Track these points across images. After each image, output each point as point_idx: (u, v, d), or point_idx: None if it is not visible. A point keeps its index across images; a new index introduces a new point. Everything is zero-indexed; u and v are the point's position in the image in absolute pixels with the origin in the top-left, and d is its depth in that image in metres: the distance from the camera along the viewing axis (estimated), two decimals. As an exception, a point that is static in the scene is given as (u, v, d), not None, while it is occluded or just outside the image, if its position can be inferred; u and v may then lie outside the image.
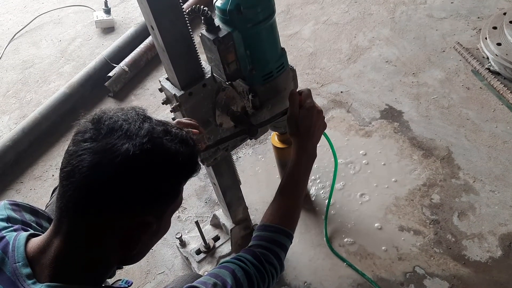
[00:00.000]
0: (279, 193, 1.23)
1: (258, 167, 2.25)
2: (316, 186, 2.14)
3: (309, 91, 1.35)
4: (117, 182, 0.79)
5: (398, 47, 2.76)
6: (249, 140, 2.29)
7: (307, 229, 1.98)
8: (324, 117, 1.33)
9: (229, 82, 1.46)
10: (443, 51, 2.66)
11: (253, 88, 1.47)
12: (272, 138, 1.86)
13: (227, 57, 1.34)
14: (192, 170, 0.91)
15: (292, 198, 1.22)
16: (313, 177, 2.17)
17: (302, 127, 1.28)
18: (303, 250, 1.91)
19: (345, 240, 1.92)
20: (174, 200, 0.90)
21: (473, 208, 1.94)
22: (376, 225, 1.95)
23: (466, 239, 1.85)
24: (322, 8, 3.19)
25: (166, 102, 1.40)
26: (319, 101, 2.54)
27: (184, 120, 1.24)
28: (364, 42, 2.86)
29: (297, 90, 1.38)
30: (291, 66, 1.53)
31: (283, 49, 1.46)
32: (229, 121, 1.43)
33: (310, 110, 1.29)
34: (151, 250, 1.92)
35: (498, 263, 1.76)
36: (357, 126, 2.38)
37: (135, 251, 0.87)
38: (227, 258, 1.07)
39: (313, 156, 1.29)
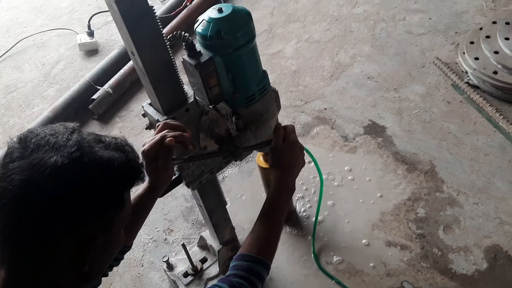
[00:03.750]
0: (258, 223, 1.23)
1: (244, 186, 2.26)
2: (303, 204, 2.15)
3: (293, 126, 1.38)
4: (50, 196, 0.76)
5: (379, 63, 2.80)
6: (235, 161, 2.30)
7: (295, 248, 1.99)
8: (304, 154, 1.36)
9: (212, 105, 1.48)
10: (423, 66, 2.71)
11: (236, 111, 1.49)
12: (257, 158, 1.87)
13: (209, 82, 1.35)
14: (133, 177, 0.89)
15: (271, 228, 1.23)
16: (300, 195, 2.18)
17: (284, 161, 1.31)
18: (291, 269, 1.91)
19: (333, 257, 1.92)
20: (119, 210, 0.86)
21: (458, 221, 1.96)
22: (363, 241, 1.96)
23: (452, 253, 1.87)
24: (304, 26, 3.24)
25: (149, 127, 1.41)
26: (303, 118, 2.57)
27: (171, 121, 1.24)
28: (346, 59, 2.90)
29: (282, 125, 1.41)
30: (273, 87, 1.55)
31: (264, 72, 1.49)
32: (213, 144, 1.44)
33: (293, 145, 1.33)
34: (137, 275, 1.90)
35: (484, 275, 1.78)
36: (342, 142, 2.40)
37: (85, 267, 0.82)
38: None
39: (292, 189, 1.32)
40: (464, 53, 2.54)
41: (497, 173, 2.10)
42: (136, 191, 1.22)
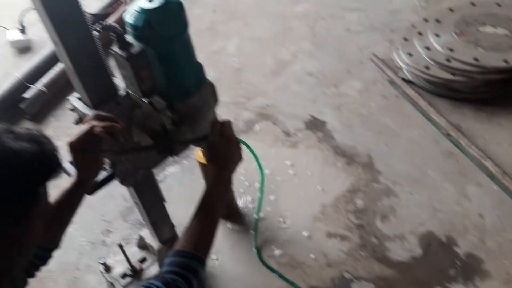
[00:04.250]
0: (194, 218, 1.21)
1: (186, 184, 2.22)
2: (244, 200, 2.14)
3: (230, 122, 1.37)
4: None
5: (319, 60, 2.85)
6: (173, 157, 2.26)
7: (237, 243, 1.98)
8: (241, 150, 1.35)
9: (147, 99, 1.44)
10: (361, 62, 2.79)
11: (172, 105, 1.45)
12: (196, 154, 1.84)
13: (141, 74, 1.31)
14: (48, 170, 0.84)
15: (207, 224, 1.21)
16: (242, 191, 2.17)
17: (220, 156, 1.30)
18: (234, 265, 1.90)
19: (275, 251, 1.93)
20: (31, 205, 0.82)
21: (394, 211, 2.03)
22: (304, 233, 1.98)
23: (389, 241, 1.93)
24: (246, 24, 3.24)
25: (78, 122, 1.34)
26: (245, 114, 2.57)
27: (101, 112, 1.19)
28: (287, 56, 2.93)
29: (219, 120, 1.40)
30: (209, 81, 1.54)
31: (200, 65, 1.46)
32: (148, 139, 1.40)
33: (229, 140, 1.32)
34: (73, 279, 1.82)
35: (419, 261, 1.85)
36: (283, 138, 2.42)
37: None
38: (136, 287, 1.02)
39: (229, 185, 1.32)
40: (398, 49, 2.64)
41: (430, 164, 2.19)
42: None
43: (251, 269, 1.88)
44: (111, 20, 3.15)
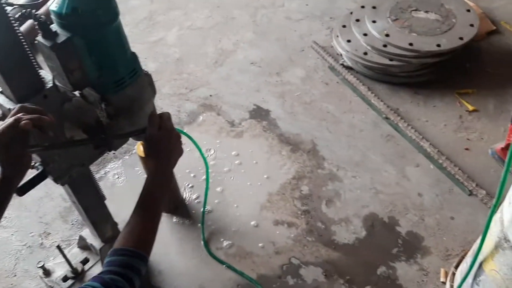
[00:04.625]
0: (133, 215, 1.16)
1: (128, 179, 2.15)
2: (191, 193, 2.10)
3: (169, 114, 1.33)
4: None
5: (262, 49, 2.84)
6: (113, 152, 2.18)
7: (185, 238, 1.94)
8: (181, 143, 1.31)
9: (79, 92, 1.37)
10: (302, 50, 2.81)
11: (105, 97, 1.38)
12: (137, 147, 1.78)
13: (69, 65, 1.24)
14: None
15: (147, 220, 1.16)
16: (187, 184, 2.13)
17: (160, 150, 1.25)
18: (182, 259, 1.86)
19: (223, 243, 1.91)
20: None
21: (339, 195, 2.07)
22: (252, 223, 1.98)
23: (334, 225, 1.96)
24: (186, 13, 3.17)
25: (1, 118, 1.25)
26: (188, 105, 2.52)
27: (28, 104, 1.10)
28: (229, 45, 2.90)
29: (157, 113, 1.35)
30: (145, 71, 1.48)
31: (133, 54, 1.40)
32: (82, 134, 1.33)
33: (169, 133, 1.28)
34: (10, 286, 1.71)
35: (363, 243, 1.90)
36: (228, 128, 2.39)
37: None
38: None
39: (170, 179, 1.28)
40: (337, 36, 2.68)
41: (371, 147, 2.25)
42: None
43: (200, 263, 1.85)
44: (41, 11, 2.98)
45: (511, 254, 1.23)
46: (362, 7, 2.72)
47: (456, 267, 1.71)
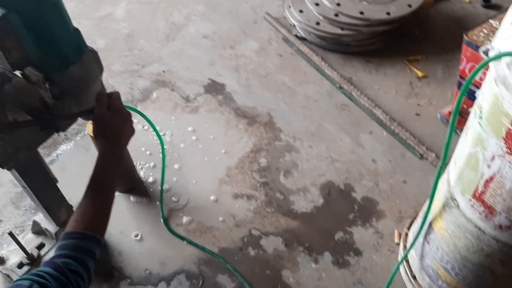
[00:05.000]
0: (84, 198, 1.13)
1: (81, 161, 2.09)
2: (148, 171, 2.07)
3: (118, 93, 1.29)
4: None
5: (214, 22, 2.79)
6: (65, 134, 2.11)
7: (143, 216, 1.92)
8: (132, 122, 1.28)
9: (21, 72, 1.30)
10: (255, 22, 2.78)
11: (49, 76, 1.32)
12: (88, 127, 1.72)
13: (6, 43, 1.17)
14: None
15: (98, 201, 1.14)
16: (144, 162, 2.09)
17: (109, 130, 1.22)
18: (142, 238, 1.85)
19: (183, 219, 1.91)
20: None
21: (296, 165, 2.10)
22: (211, 198, 1.98)
23: (292, 195, 1.99)
24: (134, -14, 3.05)
25: None
26: (141, 82, 2.46)
27: None
28: (180, 19, 2.83)
29: (106, 92, 1.31)
30: (90, 47, 1.42)
31: (76, 30, 1.34)
32: (26, 116, 1.27)
33: (118, 113, 1.25)
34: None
35: (321, 210, 1.94)
36: (183, 104, 2.36)
37: None
38: (24, 275, 0.94)
39: (121, 159, 1.26)
40: (289, 7, 2.66)
41: (326, 117, 2.28)
42: None
43: (160, 240, 1.84)
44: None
45: (458, 212, 1.30)
46: (313, -24, 2.70)
47: (409, 228, 1.79)
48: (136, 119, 1.85)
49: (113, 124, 1.24)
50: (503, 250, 1.23)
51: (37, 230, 1.71)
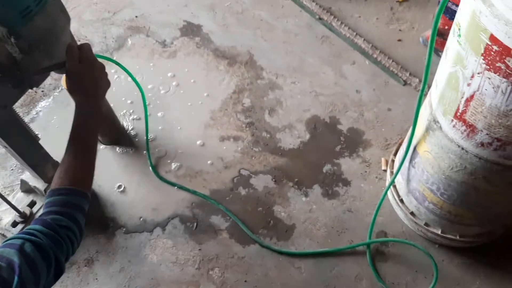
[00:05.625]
0: (66, 153, 1.12)
1: (62, 116, 2.05)
2: (132, 121, 2.05)
3: (89, 45, 1.23)
4: None
5: (184, -41, 2.65)
6: (42, 90, 2.05)
7: (132, 166, 1.92)
8: (107, 73, 1.23)
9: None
10: (227, -44, 2.64)
11: (13, 30, 1.26)
12: (62, 81, 1.67)
13: (-40, -3, 1.10)
14: None
15: (81, 156, 1.12)
16: (125, 111, 2.06)
17: (84, 84, 1.18)
18: (132, 188, 1.86)
19: (172, 165, 1.91)
20: None
21: (280, 103, 2.08)
22: (198, 142, 1.98)
23: (279, 132, 1.99)
24: None
25: None
26: (114, 30, 2.37)
27: None
28: (148, -41, 2.68)
29: (76, 44, 1.25)
30: (53, -5, 1.34)
31: (34, -23, 1.26)
32: (-6, 74, 1.23)
33: (91, 66, 1.20)
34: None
35: (307, 145, 1.95)
36: (160, 49, 2.29)
37: None
38: (15, 234, 0.95)
39: (99, 112, 1.22)
40: None
41: (308, 51, 2.23)
42: None
43: (151, 188, 1.86)
44: None
45: (440, 133, 1.31)
46: None
47: (395, 154, 1.81)
48: (113, 68, 1.82)
49: (86, 77, 1.20)
50: (485, 167, 1.25)
51: (26, 188, 1.71)
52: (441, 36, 1.94)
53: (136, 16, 2.42)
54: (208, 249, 1.71)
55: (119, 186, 1.86)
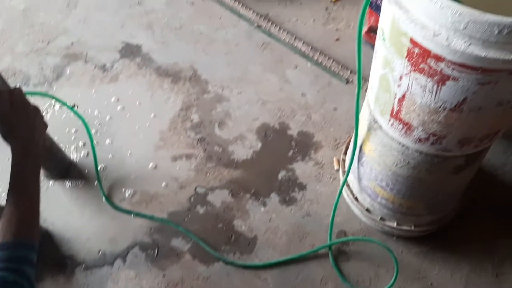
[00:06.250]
0: (7, 205, 1.07)
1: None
2: (79, 151, 1.99)
3: (20, 89, 1.19)
4: None
5: (115, -21, 2.61)
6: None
7: (84, 199, 1.87)
8: (42, 116, 1.20)
9: None
10: (159, -29, 2.62)
11: None
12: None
13: None
14: None
15: (24, 204, 1.08)
16: (72, 143, 2.01)
17: (18, 130, 1.13)
18: (87, 221, 1.81)
19: (126, 193, 1.88)
20: None
21: (229, 114, 2.08)
22: (150, 165, 1.95)
23: (231, 145, 1.99)
24: (18, -46, 2.76)
25: None
26: (50, 60, 2.29)
27: None
28: (78, -18, 2.61)
29: (8, 88, 1.20)
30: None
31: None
32: None
33: (24, 109, 1.16)
34: None
35: (260, 154, 1.96)
36: (101, 74, 2.24)
37: None
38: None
39: (38, 156, 1.17)
40: (191, -51, 2.51)
41: (250, 59, 2.24)
42: None
43: (106, 219, 1.81)
44: None
45: (381, 132, 1.34)
46: None
47: (345, 153, 1.84)
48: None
49: (20, 123, 1.15)
50: (426, 160, 1.29)
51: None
52: (375, 32, 1.98)
53: (72, 43, 2.36)
54: (172, 274, 1.68)
55: (73, 221, 1.80)
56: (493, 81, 0.94)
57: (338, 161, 1.89)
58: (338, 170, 1.87)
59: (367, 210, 1.69)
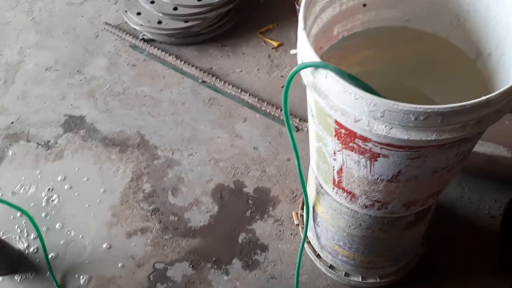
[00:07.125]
0: None
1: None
2: (29, 241, 1.89)
3: None
4: None
5: (52, 49, 2.54)
6: None
7: (37, 293, 1.77)
8: None
9: None
10: (97, 36, 2.57)
11: None
12: None
13: None
14: None
15: None
16: (19, 234, 1.90)
17: None
18: (43, 318, 1.71)
19: (81, 279, 1.78)
20: None
21: (181, 179, 2.02)
22: (104, 246, 1.86)
23: (186, 212, 1.93)
24: (-52, 33, 2.68)
25: None
26: (-10, 145, 2.20)
27: None
28: (13, 56, 2.54)
29: None
30: None
31: None
32: None
33: None
34: None
35: (218, 218, 1.90)
36: (45, 153, 2.15)
37: None
38: None
39: None
40: (126, 11, 2.48)
41: (198, 117, 2.20)
42: None
43: (62, 312, 1.71)
44: None
45: (329, 197, 1.31)
46: (139, -28, 2.53)
47: (302, 208, 1.81)
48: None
49: None
50: (377, 221, 1.27)
51: None
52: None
53: (12, 122, 2.27)
54: None
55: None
56: (422, 155, 0.92)
57: (297, 214, 1.84)
58: (298, 225, 1.83)
59: (331, 266, 1.65)
